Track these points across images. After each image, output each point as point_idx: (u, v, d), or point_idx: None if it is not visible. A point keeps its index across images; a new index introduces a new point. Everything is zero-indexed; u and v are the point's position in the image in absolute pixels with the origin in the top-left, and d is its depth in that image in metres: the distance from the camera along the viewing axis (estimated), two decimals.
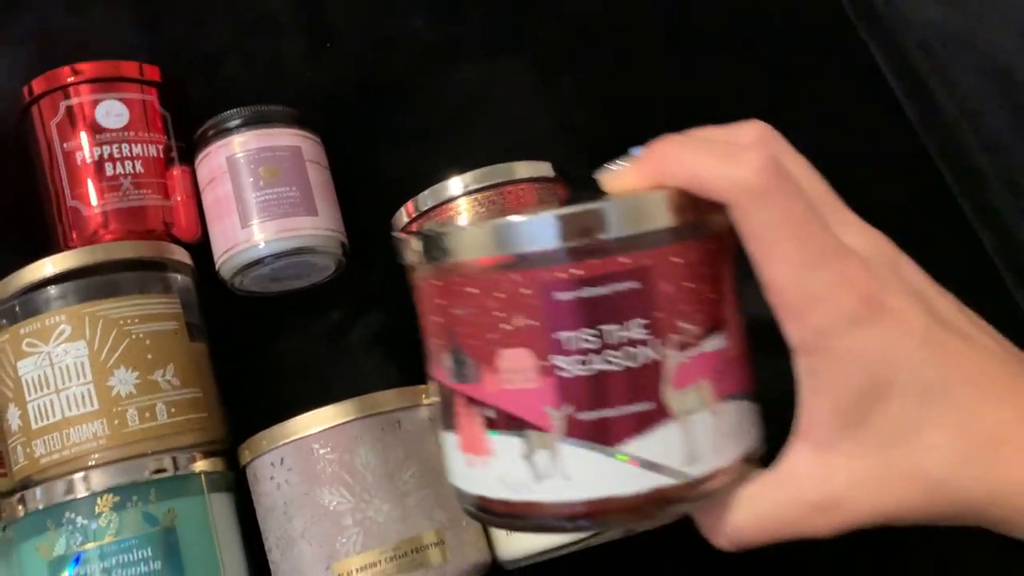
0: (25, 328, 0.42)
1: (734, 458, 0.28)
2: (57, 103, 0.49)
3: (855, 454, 0.26)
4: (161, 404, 0.42)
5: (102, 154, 0.48)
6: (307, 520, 0.40)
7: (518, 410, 0.26)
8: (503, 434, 0.26)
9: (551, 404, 0.26)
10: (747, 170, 0.25)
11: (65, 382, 0.41)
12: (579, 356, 0.25)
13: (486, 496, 0.28)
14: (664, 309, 0.26)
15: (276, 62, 0.58)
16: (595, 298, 0.25)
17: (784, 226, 0.25)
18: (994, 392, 0.26)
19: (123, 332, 0.42)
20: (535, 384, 0.26)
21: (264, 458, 0.42)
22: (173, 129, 0.51)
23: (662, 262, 0.26)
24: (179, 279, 0.46)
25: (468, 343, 0.26)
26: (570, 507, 0.26)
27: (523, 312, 0.25)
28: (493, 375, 0.26)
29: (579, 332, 0.25)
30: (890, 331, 0.25)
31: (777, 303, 0.26)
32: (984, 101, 0.54)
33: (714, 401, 0.27)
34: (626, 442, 0.26)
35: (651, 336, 0.26)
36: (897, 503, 0.26)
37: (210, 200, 0.50)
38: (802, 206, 0.25)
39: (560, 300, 0.25)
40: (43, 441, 0.41)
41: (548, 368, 0.25)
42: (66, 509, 0.39)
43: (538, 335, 0.25)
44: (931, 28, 0.57)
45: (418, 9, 0.59)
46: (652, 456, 0.26)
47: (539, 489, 0.26)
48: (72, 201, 0.48)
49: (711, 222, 0.27)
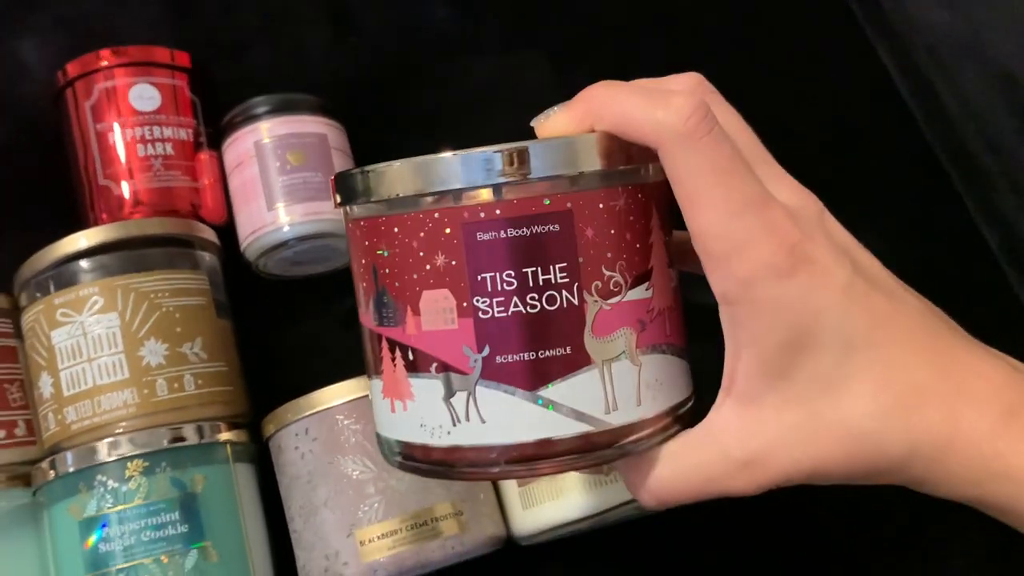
0: (59, 299, 0.43)
1: (658, 411, 0.27)
2: (91, 86, 0.50)
3: (779, 407, 0.26)
4: (189, 375, 0.44)
5: (134, 136, 0.50)
6: (330, 489, 0.42)
7: (438, 352, 0.26)
8: (423, 377, 0.26)
9: (470, 346, 0.26)
10: (674, 114, 0.25)
11: (97, 351, 0.43)
12: (499, 298, 0.25)
13: (408, 442, 0.27)
14: (587, 255, 0.26)
15: (301, 51, 0.60)
16: (516, 239, 0.25)
17: (709, 171, 0.25)
18: (916, 347, 0.26)
19: (154, 305, 0.44)
20: (454, 326, 0.26)
21: (289, 429, 0.43)
22: (202, 114, 0.53)
23: (587, 206, 0.26)
24: (207, 257, 0.48)
25: (392, 284, 0.26)
26: (487, 451, 0.26)
27: (444, 252, 0.25)
28: (415, 317, 0.26)
29: (499, 273, 0.25)
30: (813, 282, 0.25)
31: (702, 252, 0.26)
32: (989, 103, 0.56)
33: (636, 351, 0.27)
34: (544, 387, 0.26)
35: (572, 281, 0.25)
36: (821, 457, 0.26)
37: (237, 184, 0.51)
38: (728, 152, 0.25)
39: (481, 240, 0.25)
40: (75, 408, 0.43)
41: (468, 309, 0.25)
42: (97, 472, 0.41)
43: (459, 276, 0.25)
44: (937, 32, 0.58)
45: (440, 1, 0.61)
46: (571, 402, 0.26)
47: (457, 433, 0.26)
48: (104, 180, 0.50)
49: (641, 170, 0.27)
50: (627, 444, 0.27)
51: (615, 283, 0.26)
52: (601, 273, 0.26)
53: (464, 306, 0.25)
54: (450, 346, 0.26)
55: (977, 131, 0.57)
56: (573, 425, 0.26)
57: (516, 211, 0.25)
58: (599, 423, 0.26)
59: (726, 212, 0.25)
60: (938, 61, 0.58)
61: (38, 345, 0.44)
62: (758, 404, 0.26)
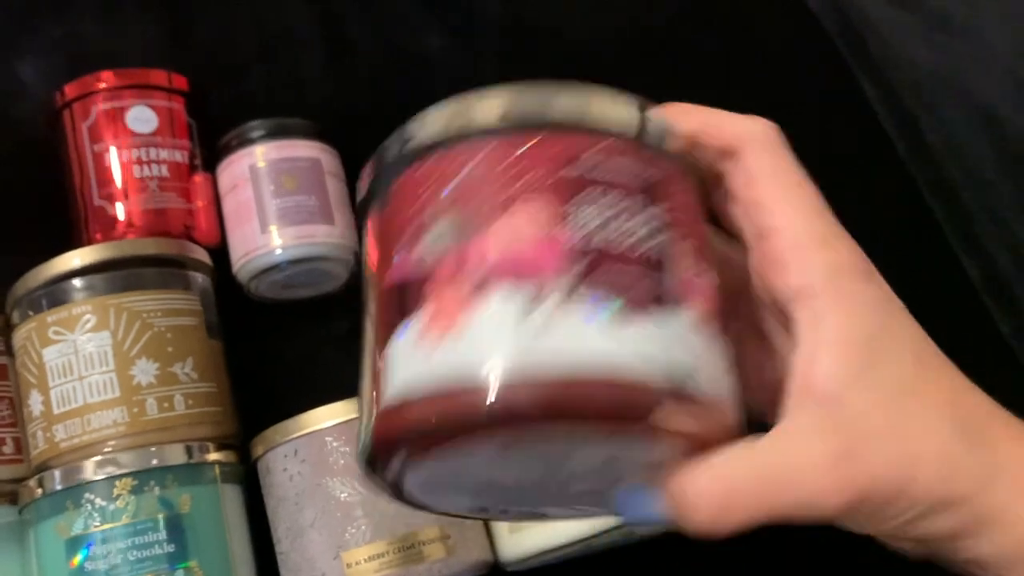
0: (52, 316, 0.44)
1: (734, 401, 0.25)
2: (89, 107, 0.51)
3: (865, 405, 0.24)
4: (179, 395, 0.44)
5: (131, 157, 0.50)
6: (318, 510, 0.42)
7: (523, 266, 0.23)
8: (499, 290, 0.23)
9: (559, 262, 0.23)
10: (758, 124, 0.27)
11: (88, 369, 0.43)
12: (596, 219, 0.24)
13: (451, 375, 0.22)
14: (680, 215, 0.26)
15: (297, 75, 0.61)
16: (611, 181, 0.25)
17: (791, 173, 0.27)
18: (967, 386, 0.26)
19: (146, 324, 0.44)
20: (543, 241, 0.23)
21: (278, 450, 0.44)
22: (198, 136, 0.53)
23: (676, 181, 0.26)
24: (199, 278, 0.48)
25: (467, 207, 0.24)
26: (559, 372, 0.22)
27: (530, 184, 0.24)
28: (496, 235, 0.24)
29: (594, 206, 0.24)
30: (886, 293, 0.26)
31: (783, 246, 0.26)
32: (970, 138, 0.57)
33: (716, 328, 0.25)
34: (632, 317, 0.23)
35: (667, 230, 0.25)
36: (915, 457, 0.24)
37: (231, 206, 0.52)
38: (803, 172, 0.27)
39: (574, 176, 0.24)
40: (64, 426, 0.43)
41: (554, 235, 0.23)
42: (85, 490, 0.41)
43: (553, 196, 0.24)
44: (920, 69, 0.60)
45: (436, 30, 0.62)
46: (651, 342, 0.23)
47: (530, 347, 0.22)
48: (99, 201, 0.50)
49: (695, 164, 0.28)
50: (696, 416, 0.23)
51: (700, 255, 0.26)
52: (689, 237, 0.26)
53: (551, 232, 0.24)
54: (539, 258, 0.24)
55: (959, 165, 0.58)
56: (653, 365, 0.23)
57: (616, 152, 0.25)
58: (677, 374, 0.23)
59: (811, 208, 0.26)
60: (921, 97, 0.59)
61: (29, 363, 0.44)
62: (843, 401, 0.24)
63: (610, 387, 0.22)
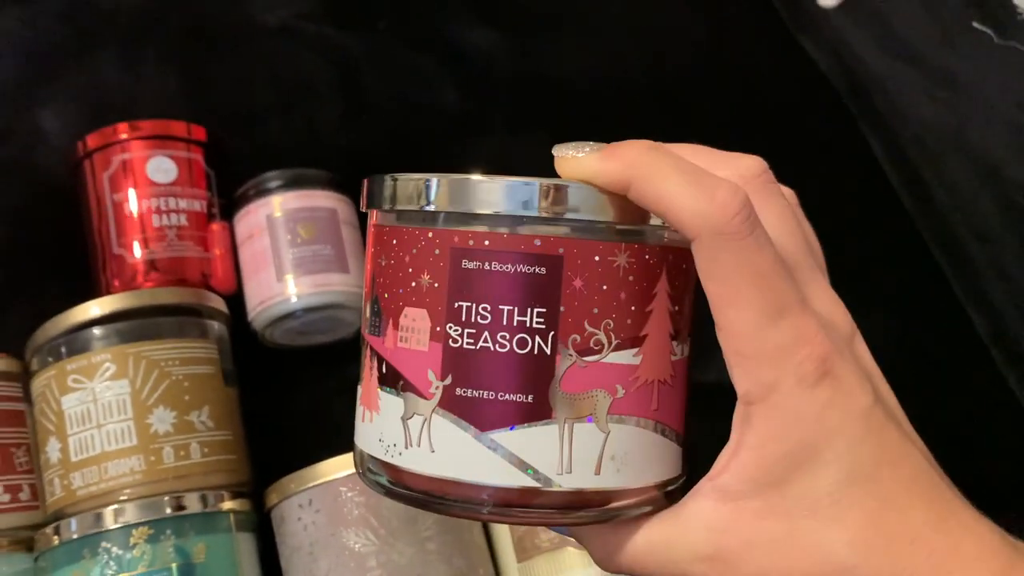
0: (71, 365, 0.44)
1: (622, 485, 0.26)
2: (110, 157, 0.52)
3: (761, 515, 0.25)
4: (195, 444, 0.44)
5: (150, 206, 0.51)
6: (332, 561, 0.42)
7: (406, 370, 0.26)
8: (390, 392, 0.26)
9: (435, 371, 0.25)
10: (718, 208, 0.24)
11: (106, 418, 0.43)
12: (471, 329, 0.25)
13: (368, 453, 0.27)
14: (570, 305, 0.25)
15: (313, 126, 0.62)
16: (499, 274, 0.25)
17: (747, 273, 0.24)
18: (916, 493, 0.25)
19: (164, 373, 0.44)
20: (424, 347, 0.25)
21: (292, 500, 0.44)
22: (216, 186, 0.54)
23: (581, 255, 0.25)
24: (216, 326, 0.49)
25: (382, 295, 0.27)
26: (426, 481, 0.26)
27: (430, 273, 0.25)
28: (394, 331, 0.26)
29: (476, 305, 0.25)
30: (835, 399, 0.25)
31: (729, 348, 0.25)
32: (974, 192, 0.58)
33: (607, 417, 0.25)
34: (498, 430, 0.25)
35: (548, 329, 0.25)
36: (787, 573, 0.25)
37: (248, 255, 0.53)
38: (770, 256, 0.24)
39: (465, 268, 0.25)
40: (81, 474, 0.43)
41: (440, 334, 0.25)
42: (102, 539, 0.41)
43: (439, 299, 0.25)
44: (925, 124, 0.61)
45: (449, 84, 0.63)
46: (522, 453, 0.25)
47: (407, 456, 0.26)
48: (118, 249, 0.51)
49: (654, 232, 0.26)
50: (574, 509, 0.26)
51: (596, 341, 0.25)
52: (582, 327, 0.25)
53: (437, 330, 0.25)
54: (417, 367, 0.26)
55: (964, 220, 0.59)
56: (519, 476, 0.25)
57: (505, 245, 0.25)
58: (547, 481, 0.25)
59: (760, 315, 0.24)
60: (926, 153, 0.60)
61: (48, 410, 0.45)
62: (740, 505, 0.25)
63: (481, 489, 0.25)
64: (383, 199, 0.27)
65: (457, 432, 0.25)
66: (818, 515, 0.25)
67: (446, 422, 0.25)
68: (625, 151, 0.25)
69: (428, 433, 0.25)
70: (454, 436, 0.25)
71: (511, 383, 0.25)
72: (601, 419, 0.25)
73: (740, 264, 0.24)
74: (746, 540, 0.25)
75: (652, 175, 0.24)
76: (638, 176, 0.24)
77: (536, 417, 0.25)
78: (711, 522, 0.25)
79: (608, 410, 0.25)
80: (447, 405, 0.25)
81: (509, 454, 0.25)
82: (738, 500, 0.25)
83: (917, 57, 0.63)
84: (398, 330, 0.26)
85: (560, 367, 0.25)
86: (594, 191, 0.25)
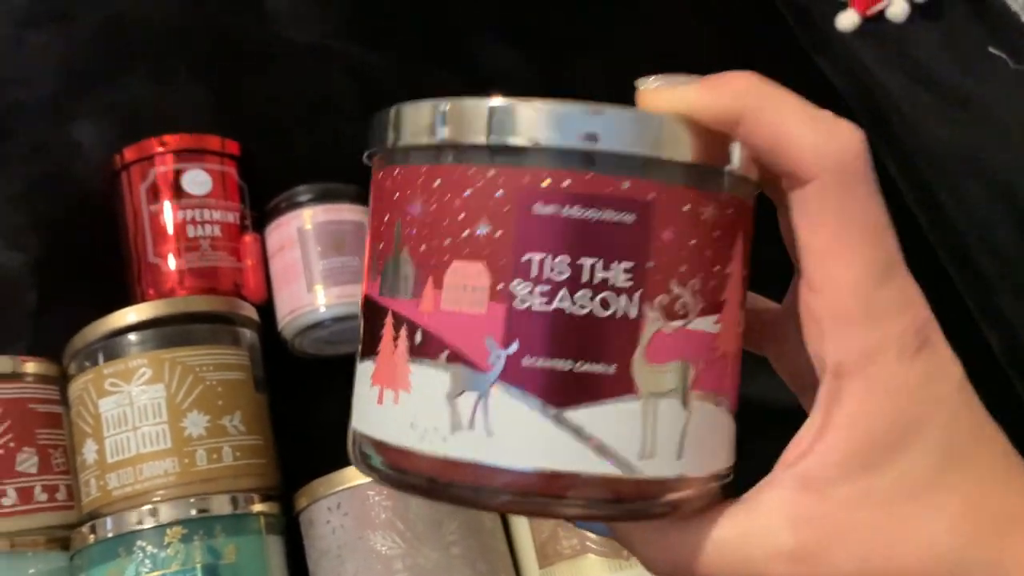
0: (109, 369, 0.46)
1: (700, 473, 0.23)
2: (147, 169, 0.54)
3: (855, 502, 0.22)
4: (227, 447, 0.45)
5: (185, 217, 0.53)
6: (359, 563, 0.43)
7: (454, 338, 0.21)
8: (428, 365, 0.22)
9: (495, 337, 0.21)
10: (844, 145, 0.21)
11: (142, 421, 0.45)
12: (544, 287, 0.21)
13: (387, 443, 0.22)
14: (659, 260, 0.21)
15: (339, 141, 0.63)
16: (580, 220, 0.21)
17: (861, 223, 0.21)
18: (1012, 470, 0.23)
19: (198, 378, 0.46)
20: (482, 309, 0.21)
21: (321, 503, 0.45)
22: (248, 198, 0.56)
23: (669, 203, 0.22)
24: (247, 334, 0.50)
25: (416, 247, 0.22)
26: (487, 473, 0.21)
27: (491, 219, 0.21)
28: (435, 291, 0.22)
29: (550, 257, 0.21)
30: (933, 372, 0.22)
31: (824, 311, 0.22)
32: (989, 212, 0.59)
33: (692, 393, 0.22)
34: (573, 407, 0.21)
35: (635, 287, 0.21)
36: (892, 568, 0.22)
37: (279, 266, 0.54)
38: (884, 208, 0.22)
39: (538, 213, 0.21)
40: (117, 475, 0.44)
41: (503, 293, 0.21)
42: (137, 538, 0.42)
43: (502, 251, 0.21)
44: (940, 144, 0.62)
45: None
46: (601, 433, 0.21)
47: (455, 443, 0.21)
48: (153, 258, 0.53)
49: (741, 183, 0.23)
50: (653, 503, 0.22)
51: (682, 304, 0.22)
52: (669, 288, 0.22)
53: (499, 289, 0.21)
54: (471, 333, 0.21)
55: (979, 239, 0.60)
56: (596, 463, 0.21)
57: (588, 187, 0.21)
58: (628, 467, 0.21)
59: (868, 273, 0.22)
60: (941, 172, 0.61)
61: (85, 413, 0.46)
62: (828, 493, 0.22)
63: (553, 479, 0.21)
64: (420, 130, 0.23)
65: (523, 410, 0.21)
66: (917, 498, 0.22)
67: (509, 398, 0.21)
68: (734, 81, 0.22)
69: (484, 412, 0.21)
70: (519, 415, 0.21)
71: (592, 351, 0.21)
72: (686, 394, 0.22)
73: (857, 212, 0.21)
74: (837, 532, 0.22)
75: (768, 107, 0.22)
76: (752, 107, 0.22)
77: (618, 392, 0.21)
78: (793, 512, 0.22)
79: (692, 384, 0.22)
80: (510, 378, 0.21)
81: (586, 435, 0.21)
82: (825, 488, 0.22)
83: (933, 80, 0.64)
84: (442, 289, 0.22)
85: (645, 333, 0.21)
86: (691, 126, 0.22)
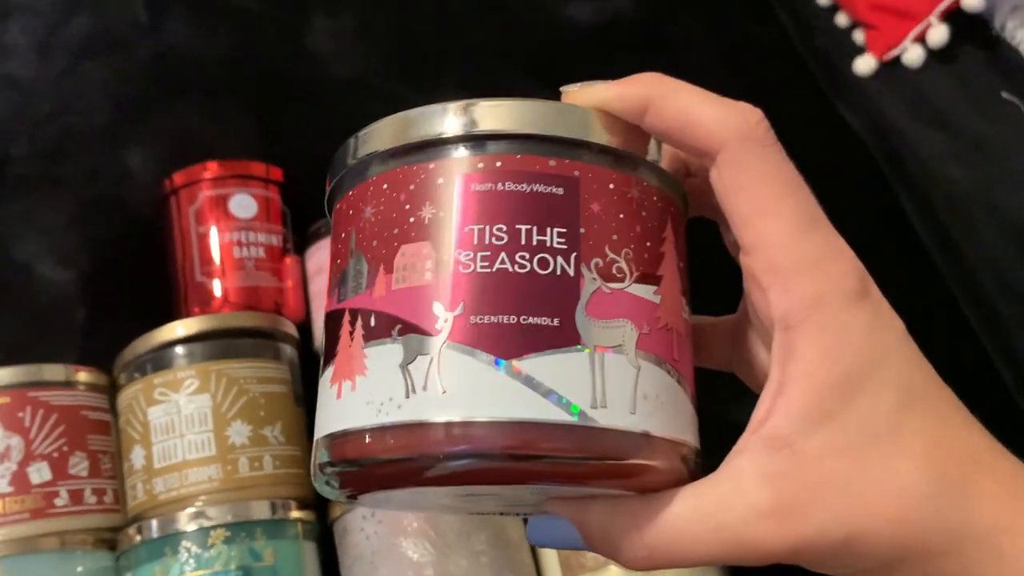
0: (158, 379, 0.48)
1: (658, 432, 0.23)
2: (196, 193, 0.57)
3: (822, 454, 0.22)
4: (268, 456, 0.48)
5: (231, 239, 0.56)
6: (391, 569, 0.45)
7: (404, 311, 0.23)
8: (381, 344, 0.23)
9: (442, 302, 0.22)
10: (743, 116, 0.23)
11: (188, 429, 0.47)
12: (484, 252, 0.23)
13: (343, 430, 0.23)
14: (589, 228, 0.23)
15: None
16: (514, 193, 0.23)
17: (778, 180, 0.23)
18: (965, 412, 0.23)
19: (242, 390, 0.48)
20: (429, 280, 0.23)
21: (356, 512, 0.47)
22: (290, 222, 0.59)
23: (596, 181, 0.24)
24: (288, 350, 0.52)
25: (369, 245, 0.24)
26: (439, 434, 0.22)
27: (433, 203, 0.23)
28: (386, 276, 0.23)
29: (489, 226, 0.23)
30: (878, 319, 0.23)
31: (761, 267, 0.23)
32: (1004, 253, 0.61)
33: (638, 352, 0.23)
34: (522, 357, 0.22)
35: (570, 249, 0.23)
36: (868, 515, 0.22)
37: (317, 287, 0.57)
38: (794, 167, 0.24)
39: (475, 191, 0.23)
40: (163, 479, 0.47)
41: (447, 262, 0.23)
42: (183, 539, 0.44)
43: (445, 227, 0.23)
44: (955, 186, 0.64)
45: None
46: (551, 381, 0.22)
47: (408, 407, 0.22)
48: (200, 277, 0.55)
49: (663, 176, 0.25)
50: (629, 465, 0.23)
51: (618, 268, 0.23)
52: (603, 252, 0.23)
53: (444, 259, 0.23)
54: (419, 303, 0.23)
55: (995, 279, 0.62)
56: (549, 408, 0.22)
57: (518, 166, 0.23)
58: (583, 416, 0.22)
59: (795, 225, 0.23)
60: (956, 213, 0.63)
61: (134, 420, 0.48)
62: (797, 448, 0.22)
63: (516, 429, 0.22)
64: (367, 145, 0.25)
65: (474, 365, 0.22)
66: (883, 443, 0.22)
67: (460, 355, 0.22)
68: (641, 76, 0.24)
69: (437, 372, 0.22)
70: (471, 370, 0.22)
71: (533, 305, 0.22)
72: (630, 351, 0.23)
73: (770, 171, 0.23)
74: (812, 484, 0.22)
75: (671, 93, 0.24)
76: (657, 94, 0.24)
77: (563, 343, 0.22)
78: (765, 472, 0.22)
79: (636, 343, 0.23)
80: (460, 337, 0.22)
81: (537, 383, 0.22)
82: (795, 443, 0.22)
83: (948, 123, 0.66)
84: (392, 272, 0.23)
85: (585, 290, 0.23)
86: (608, 117, 0.24)
